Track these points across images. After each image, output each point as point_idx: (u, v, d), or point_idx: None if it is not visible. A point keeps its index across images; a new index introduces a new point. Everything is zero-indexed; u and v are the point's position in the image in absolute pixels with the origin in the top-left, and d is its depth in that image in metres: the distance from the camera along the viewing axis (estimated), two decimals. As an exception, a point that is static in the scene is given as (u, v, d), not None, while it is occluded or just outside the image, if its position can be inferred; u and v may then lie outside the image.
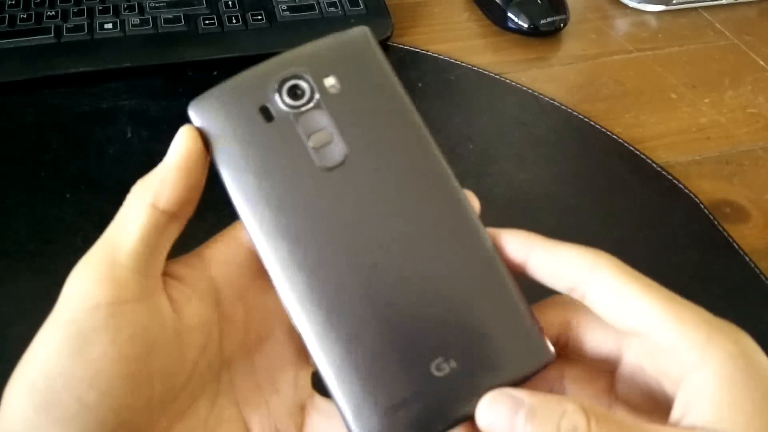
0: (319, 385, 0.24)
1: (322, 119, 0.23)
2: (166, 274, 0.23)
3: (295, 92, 0.23)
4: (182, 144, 0.23)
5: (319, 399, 0.27)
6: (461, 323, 0.22)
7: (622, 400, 0.24)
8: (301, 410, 0.26)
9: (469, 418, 0.21)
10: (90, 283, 0.21)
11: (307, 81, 0.23)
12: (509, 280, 0.23)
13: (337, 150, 0.23)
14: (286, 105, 0.23)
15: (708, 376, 0.19)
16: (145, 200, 0.22)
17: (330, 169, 0.23)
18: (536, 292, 0.24)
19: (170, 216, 0.22)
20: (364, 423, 0.21)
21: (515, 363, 0.22)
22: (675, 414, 0.20)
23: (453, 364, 0.22)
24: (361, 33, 0.24)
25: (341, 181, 0.23)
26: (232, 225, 0.25)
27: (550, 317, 0.24)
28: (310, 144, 0.23)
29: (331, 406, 0.26)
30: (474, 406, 0.21)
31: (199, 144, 0.23)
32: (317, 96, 0.23)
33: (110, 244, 0.22)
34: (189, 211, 0.23)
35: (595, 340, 0.24)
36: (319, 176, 0.23)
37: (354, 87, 0.24)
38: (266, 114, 0.23)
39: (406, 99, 0.24)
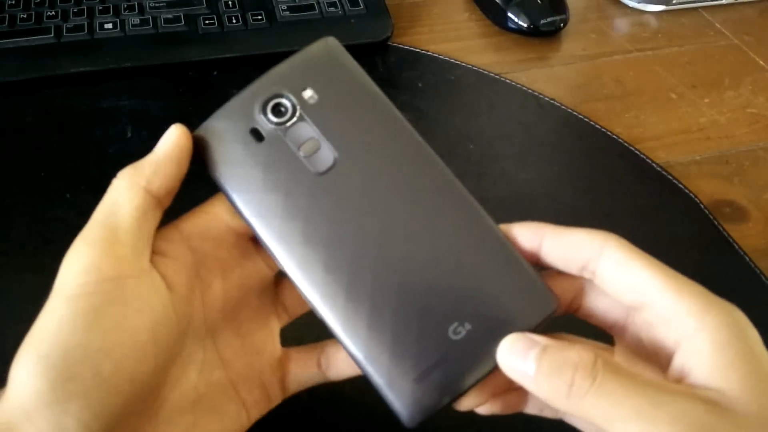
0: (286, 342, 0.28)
1: (307, 129, 0.25)
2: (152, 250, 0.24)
3: (278, 110, 0.25)
4: (174, 138, 0.24)
5: (292, 351, 0.29)
6: (469, 288, 0.24)
7: None
8: (280, 364, 0.29)
9: (493, 371, 0.23)
10: (94, 260, 0.22)
11: (287, 98, 0.25)
12: (506, 241, 0.25)
13: (327, 154, 0.25)
14: (273, 123, 0.25)
15: (704, 340, 0.21)
16: (139, 183, 0.23)
17: (324, 173, 0.25)
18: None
19: (157, 201, 0.24)
20: (399, 393, 0.23)
21: (525, 314, 0.24)
22: (671, 375, 0.22)
23: (468, 326, 0.24)
24: (327, 43, 0.26)
25: (337, 181, 0.25)
26: (208, 200, 0.27)
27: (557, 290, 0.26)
28: (301, 154, 0.25)
29: (304, 356, 0.29)
30: (495, 360, 0.23)
31: (188, 140, 0.25)
32: (299, 109, 0.25)
33: (107, 224, 0.23)
34: (169, 201, 0.25)
35: (599, 314, 0.25)
36: (316, 181, 0.25)
37: (331, 94, 0.26)
38: (257, 135, 0.25)
39: (381, 96, 0.26)
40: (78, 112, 0.48)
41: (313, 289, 0.24)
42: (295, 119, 0.25)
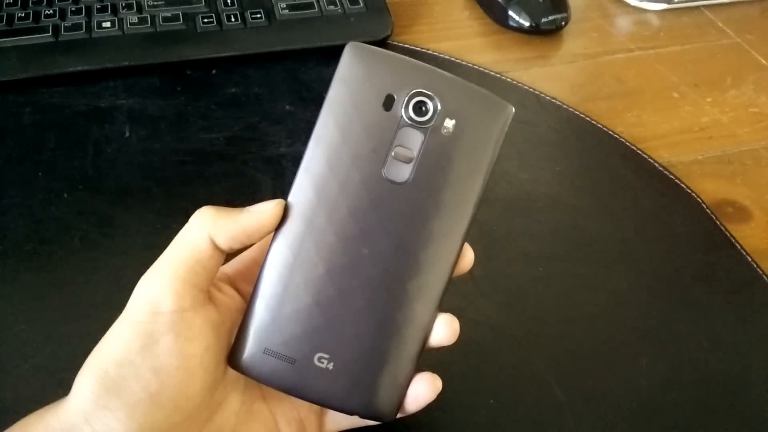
0: None
1: (416, 143, 0.26)
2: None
3: (420, 108, 0.26)
4: (269, 216, 0.26)
5: None
6: (366, 344, 0.26)
7: None
8: None
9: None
10: (157, 293, 0.25)
11: (435, 109, 0.26)
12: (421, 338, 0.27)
13: (405, 173, 0.26)
14: (405, 110, 0.26)
15: None
16: (209, 235, 0.25)
17: (386, 180, 0.26)
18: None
19: (221, 251, 0.26)
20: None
21: (368, 405, 0.26)
22: None
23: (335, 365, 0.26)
24: (506, 110, 0.26)
25: (386, 194, 0.26)
26: (250, 248, 0.29)
27: None
28: (392, 152, 0.26)
29: None
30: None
31: (276, 222, 0.26)
32: (430, 125, 0.26)
33: (174, 260, 0.25)
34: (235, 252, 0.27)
35: None
36: (377, 177, 0.26)
37: (459, 142, 0.26)
38: (387, 103, 0.26)
39: (484, 177, 0.26)
40: (76, 111, 0.47)
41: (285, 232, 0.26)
42: (419, 126, 0.26)
